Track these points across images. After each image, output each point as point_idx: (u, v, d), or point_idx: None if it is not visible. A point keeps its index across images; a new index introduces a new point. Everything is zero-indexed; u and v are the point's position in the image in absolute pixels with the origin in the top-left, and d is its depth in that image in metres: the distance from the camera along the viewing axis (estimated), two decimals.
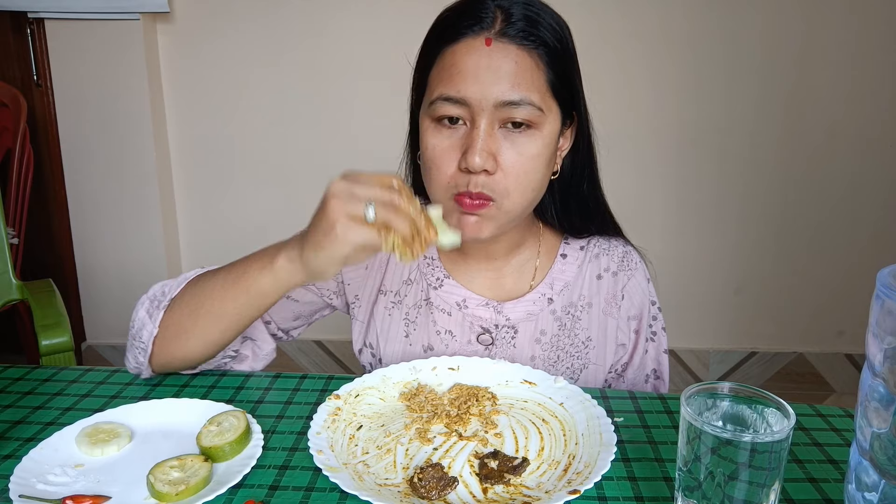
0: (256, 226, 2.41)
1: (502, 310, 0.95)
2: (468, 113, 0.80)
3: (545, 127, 0.82)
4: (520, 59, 0.79)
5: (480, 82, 0.78)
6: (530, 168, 0.82)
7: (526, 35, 0.79)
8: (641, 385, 1.00)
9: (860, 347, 2.37)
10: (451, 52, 0.80)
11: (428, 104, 0.82)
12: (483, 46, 0.78)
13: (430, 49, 0.84)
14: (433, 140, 0.82)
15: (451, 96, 0.79)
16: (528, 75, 0.79)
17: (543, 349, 0.95)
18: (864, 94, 2.19)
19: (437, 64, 0.82)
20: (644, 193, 2.31)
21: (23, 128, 1.80)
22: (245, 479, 0.67)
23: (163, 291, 0.87)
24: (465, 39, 0.79)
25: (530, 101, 0.79)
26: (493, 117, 0.79)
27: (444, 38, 0.81)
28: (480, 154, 0.78)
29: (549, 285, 0.96)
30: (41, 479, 0.66)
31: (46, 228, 2.35)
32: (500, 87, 0.78)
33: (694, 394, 0.59)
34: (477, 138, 0.79)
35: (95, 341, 2.45)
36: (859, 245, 2.32)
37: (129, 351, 0.87)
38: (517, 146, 0.81)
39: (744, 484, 0.54)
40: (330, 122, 2.31)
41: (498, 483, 0.67)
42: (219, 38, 2.25)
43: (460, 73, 0.79)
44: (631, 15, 2.16)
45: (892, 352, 0.49)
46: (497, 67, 0.78)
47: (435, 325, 0.96)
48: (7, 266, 1.59)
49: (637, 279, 0.98)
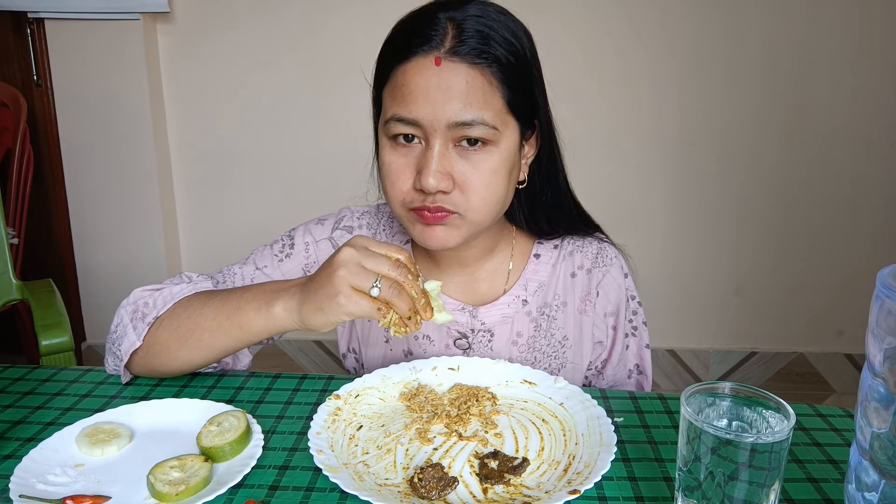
0: (256, 225, 2.41)
1: (477, 314, 0.94)
2: (422, 132, 0.79)
3: (502, 143, 0.80)
4: (471, 78, 0.76)
5: (431, 103, 0.76)
6: (489, 182, 0.81)
7: (478, 53, 0.76)
8: (624, 381, 1.00)
9: (860, 347, 2.37)
10: (402, 72, 0.78)
11: (383, 122, 0.81)
12: (433, 66, 0.76)
13: (383, 66, 0.82)
14: (389, 157, 0.82)
15: (404, 117, 0.78)
16: (481, 94, 0.77)
17: (520, 351, 0.95)
18: (864, 95, 2.19)
19: (389, 82, 0.81)
20: (645, 193, 2.31)
21: (23, 128, 1.80)
22: (245, 480, 0.67)
23: (146, 302, 0.86)
24: (415, 58, 0.77)
25: (483, 120, 0.77)
26: (447, 137, 0.78)
27: (395, 56, 0.80)
28: (434, 175, 0.78)
29: (522, 287, 0.96)
30: (41, 480, 0.66)
31: (46, 228, 2.35)
32: (452, 108, 0.76)
33: (694, 394, 0.59)
34: (431, 159, 0.78)
35: (95, 341, 2.45)
36: (859, 245, 2.33)
37: (107, 353, 0.88)
38: (472, 163, 0.79)
39: (744, 484, 0.54)
40: (330, 122, 2.31)
41: (498, 483, 0.67)
42: (219, 38, 2.25)
43: (411, 93, 0.77)
44: (632, 15, 2.16)
45: (892, 352, 0.49)
46: (447, 87, 0.76)
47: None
48: (7, 266, 1.59)
49: (612, 275, 0.97)
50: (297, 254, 0.96)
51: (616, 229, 1.01)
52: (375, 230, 0.99)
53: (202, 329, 0.81)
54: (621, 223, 1.01)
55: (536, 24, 0.86)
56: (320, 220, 1.00)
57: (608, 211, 1.01)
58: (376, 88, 0.86)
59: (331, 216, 1.00)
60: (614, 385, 1.00)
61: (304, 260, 0.96)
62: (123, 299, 0.89)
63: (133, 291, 0.89)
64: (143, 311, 0.85)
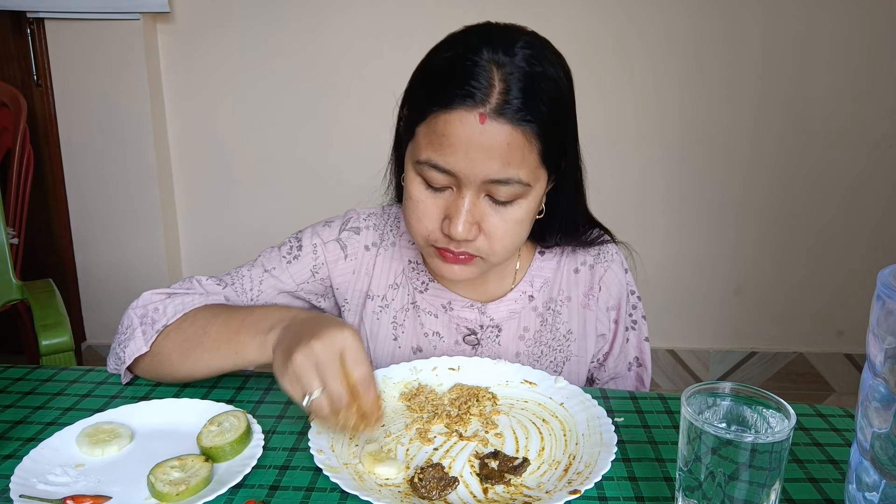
0: (256, 225, 2.41)
1: (486, 310, 0.96)
2: (455, 181, 0.78)
3: (531, 195, 0.80)
4: (512, 139, 0.75)
5: (471, 159, 0.75)
6: (514, 232, 0.82)
7: (522, 115, 0.74)
8: (624, 373, 1.02)
9: (860, 347, 2.37)
10: (443, 120, 0.75)
11: (415, 160, 0.80)
12: (476, 122, 0.74)
13: (420, 102, 0.79)
14: (418, 194, 0.81)
15: (440, 166, 0.77)
16: (520, 154, 0.76)
17: (527, 345, 0.96)
18: (865, 95, 2.19)
19: (427, 122, 0.77)
20: (645, 193, 2.31)
21: (23, 128, 1.80)
22: (245, 479, 0.67)
23: (156, 308, 0.86)
24: (458, 111, 0.74)
25: (518, 178, 0.77)
26: (480, 189, 0.78)
27: (436, 101, 0.76)
28: (464, 225, 0.78)
29: (529, 283, 0.97)
30: (42, 480, 0.66)
31: (46, 228, 2.35)
32: (491, 166, 0.75)
33: (694, 394, 0.59)
34: (461, 208, 0.78)
35: (95, 341, 2.45)
36: (860, 245, 2.32)
37: (111, 354, 0.88)
38: (501, 214, 0.80)
39: (744, 484, 0.54)
40: (330, 122, 2.31)
41: (498, 483, 0.67)
42: (219, 38, 2.25)
43: (451, 145, 0.75)
44: (633, 15, 2.16)
45: (892, 352, 0.49)
46: (489, 146, 0.74)
47: (423, 328, 0.97)
48: (7, 266, 1.59)
49: (613, 270, 0.99)
50: (305, 255, 0.96)
51: (616, 229, 1.02)
52: (382, 231, 0.99)
53: (203, 348, 0.81)
54: (621, 223, 1.01)
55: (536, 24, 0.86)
56: (327, 223, 1.00)
57: (608, 210, 1.01)
58: (408, 115, 0.83)
59: (338, 218, 1.00)
60: (615, 377, 1.02)
61: (313, 262, 0.96)
62: (133, 300, 0.88)
63: (143, 294, 0.88)
64: (154, 316, 0.85)
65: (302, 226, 1.03)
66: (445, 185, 0.79)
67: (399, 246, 0.98)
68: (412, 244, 0.98)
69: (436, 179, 0.78)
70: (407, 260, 0.98)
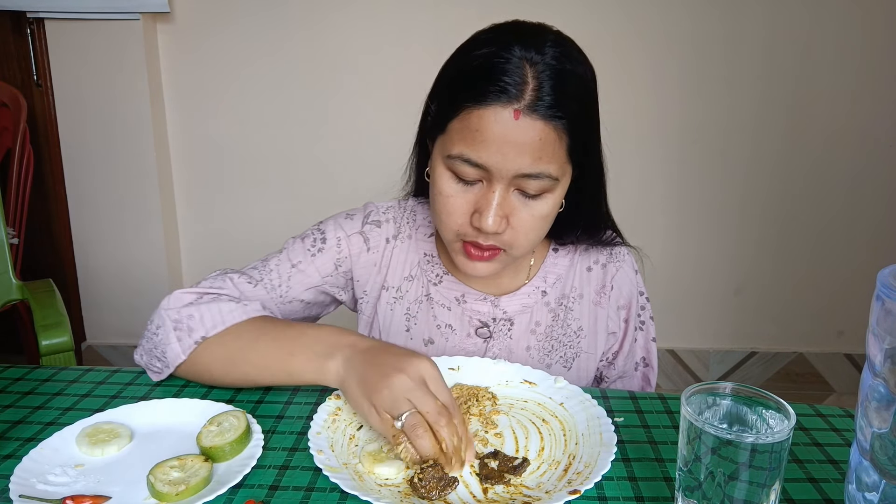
0: (256, 225, 2.41)
1: (499, 304, 0.97)
2: (486, 175, 0.80)
3: (557, 190, 0.83)
4: (545, 135, 0.77)
5: (503, 153, 0.77)
6: (539, 226, 0.84)
7: (554, 111, 0.77)
8: (631, 373, 1.03)
9: (860, 347, 2.37)
10: (477, 115, 0.77)
11: (446, 154, 0.81)
12: (511, 118, 0.76)
13: (453, 97, 0.80)
14: (448, 189, 0.83)
15: (472, 160, 0.79)
16: (550, 149, 0.78)
17: (538, 340, 0.97)
18: (865, 95, 2.19)
19: (459, 117, 0.79)
20: (645, 193, 2.31)
21: (23, 128, 1.80)
22: (245, 479, 0.67)
23: (190, 315, 0.85)
24: (492, 106, 0.76)
25: (548, 173, 0.79)
26: (510, 183, 0.80)
27: (469, 97, 0.78)
28: (494, 218, 0.80)
29: (542, 278, 0.99)
30: (41, 480, 0.66)
31: (46, 228, 2.35)
32: (523, 161, 0.77)
33: (694, 394, 0.59)
34: (492, 202, 0.80)
35: (95, 341, 2.45)
36: (859, 245, 2.32)
37: (145, 353, 0.87)
38: (529, 208, 0.82)
39: (744, 484, 0.54)
40: (331, 122, 2.31)
41: (498, 483, 0.67)
42: (219, 38, 2.25)
43: (485, 141, 0.77)
44: (633, 15, 2.16)
45: (892, 352, 0.49)
46: (522, 142, 0.77)
47: (435, 320, 0.97)
48: (7, 266, 1.59)
49: (625, 270, 1.01)
50: (330, 249, 0.97)
51: None
52: (399, 224, 1.00)
53: (250, 365, 0.82)
54: (622, 223, 1.01)
55: None
56: (349, 215, 1.01)
57: None
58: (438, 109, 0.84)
59: (358, 211, 1.01)
60: (623, 376, 1.03)
61: (337, 255, 0.97)
62: (163, 299, 0.87)
63: (174, 293, 0.88)
64: (189, 324, 0.84)
65: (302, 225, 1.03)
66: (476, 179, 0.81)
67: (415, 238, 1.00)
68: (428, 237, 1.00)
69: (467, 173, 0.80)
70: (422, 252, 0.99)
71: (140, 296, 2.38)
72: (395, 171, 1.01)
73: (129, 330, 2.42)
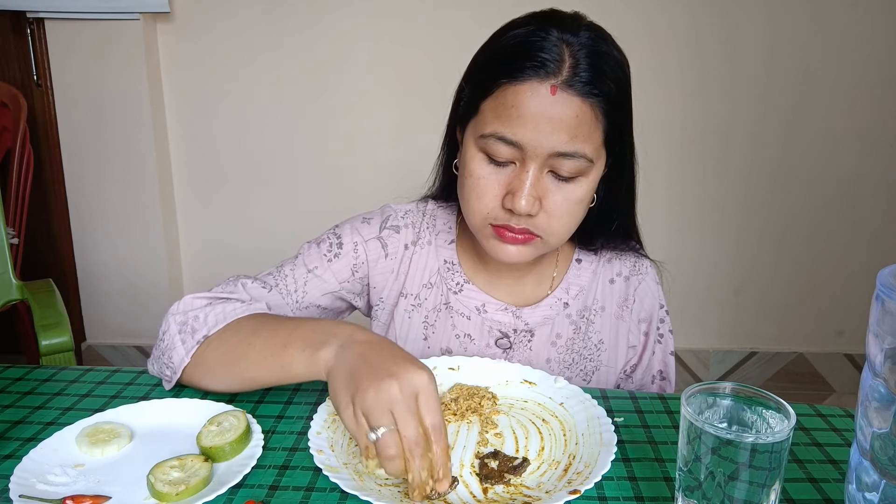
0: (257, 225, 2.41)
1: (521, 315, 0.95)
2: (519, 154, 0.79)
3: (592, 174, 0.81)
4: (581, 112, 0.76)
5: (540, 130, 0.76)
6: (574, 211, 0.82)
7: (590, 88, 0.76)
8: (648, 386, 1.01)
9: (860, 347, 2.37)
10: (513, 92, 0.77)
11: (479, 134, 0.80)
12: (548, 94, 0.75)
13: (488, 76, 0.80)
14: (480, 171, 0.81)
15: (507, 137, 0.77)
16: (587, 128, 0.77)
17: (559, 352, 0.96)
18: (867, 96, 2.19)
19: (494, 95, 0.79)
20: (646, 192, 2.29)
21: (23, 128, 1.80)
22: (245, 479, 0.67)
23: (195, 316, 0.83)
24: (529, 82, 0.76)
25: (584, 153, 0.78)
26: (544, 163, 0.79)
27: (505, 73, 0.77)
28: (527, 199, 0.78)
29: (565, 290, 0.97)
30: (41, 479, 0.66)
31: (46, 228, 2.35)
32: (559, 138, 0.76)
33: (694, 394, 0.59)
34: (525, 182, 0.78)
35: (95, 341, 2.45)
36: (860, 245, 2.32)
37: (155, 360, 0.85)
38: (563, 191, 0.80)
39: (744, 484, 0.54)
40: (331, 122, 2.31)
41: (498, 483, 0.67)
42: (219, 38, 2.25)
43: (520, 116, 0.76)
44: (636, 15, 2.16)
45: (892, 352, 0.49)
46: (559, 118, 0.76)
47: (454, 329, 0.96)
48: (7, 266, 1.59)
49: (647, 283, 1.00)
50: (346, 254, 0.95)
51: None
52: (419, 229, 0.98)
53: (248, 360, 0.78)
54: None
55: None
56: (365, 219, 0.98)
57: None
58: (472, 92, 0.83)
59: (375, 214, 0.99)
60: (640, 388, 1.01)
61: (353, 260, 0.95)
62: (173, 304, 0.85)
63: (184, 298, 0.85)
64: (194, 325, 0.82)
65: (301, 225, 1.03)
66: (509, 160, 0.79)
67: (435, 245, 0.98)
68: (449, 243, 0.98)
69: (501, 153, 0.79)
70: (443, 260, 0.97)
71: (140, 296, 2.38)
72: (396, 171, 1.01)
73: (129, 330, 2.42)
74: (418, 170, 1.01)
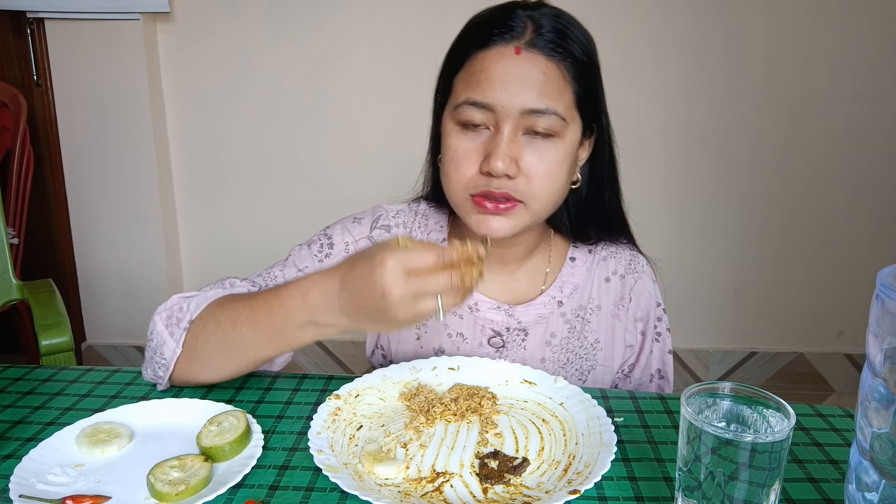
0: (256, 225, 2.41)
1: (514, 313, 0.95)
2: (493, 118, 0.80)
3: (567, 136, 0.83)
4: (548, 70, 0.79)
5: (508, 89, 0.79)
6: (553, 173, 0.83)
7: (555, 47, 0.80)
8: (646, 385, 1.01)
9: (860, 347, 2.37)
10: (480, 58, 0.81)
11: (453, 107, 0.83)
12: (513, 54, 0.79)
13: (459, 53, 0.84)
14: (456, 142, 0.83)
15: (478, 101, 0.80)
16: (555, 86, 0.80)
17: (553, 351, 0.96)
18: (866, 96, 2.19)
19: (464, 68, 0.83)
20: (645, 193, 2.30)
21: (23, 128, 1.80)
22: (245, 479, 0.67)
23: (180, 307, 0.83)
24: (495, 46, 0.80)
25: (555, 111, 0.80)
26: (518, 124, 0.80)
27: (473, 44, 0.82)
28: (503, 159, 0.79)
29: (559, 288, 0.97)
30: (41, 479, 0.66)
31: (46, 228, 2.35)
32: (528, 96, 0.79)
33: (694, 394, 0.59)
34: (500, 143, 0.79)
35: (95, 341, 2.45)
36: (859, 245, 2.32)
37: (147, 363, 0.84)
38: (539, 152, 0.81)
39: (744, 484, 0.54)
40: (331, 122, 2.31)
41: (498, 483, 0.67)
42: (219, 38, 2.25)
43: (489, 78, 0.79)
44: (634, 15, 2.16)
45: (892, 352, 0.49)
46: (525, 76, 0.79)
47: (447, 328, 0.96)
48: (7, 266, 1.59)
49: (644, 281, 0.99)
50: (338, 254, 0.95)
51: None
52: (410, 228, 0.99)
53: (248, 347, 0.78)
54: None
55: None
56: (356, 219, 0.99)
57: None
58: (446, 76, 0.87)
59: (366, 214, 0.99)
60: (638, 388, 1.01)
61: None
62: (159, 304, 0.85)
63: (170, 298, 0.86)
64: (178, 315, 0.83)
65: (301, 225, 1.03)
66: (483, 123, 0.81)
67: None
68: (441, 242, 0.98)
69: (474, 117, 0.81)
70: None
71: (140, 296, 2.38)
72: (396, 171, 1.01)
73: (129, 330, 2.42)
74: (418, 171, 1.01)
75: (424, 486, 0.67)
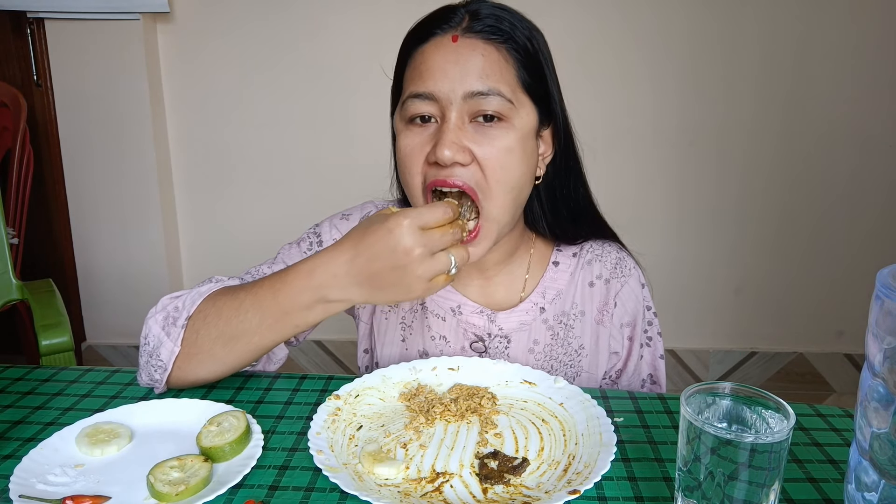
0: (256, 225, 2.41)
1: (495, 319, 0.94)
2: (438, 109, 0.80)
3: (517, 120, 0.81)
4: (487, 53, 0.80)
5: (448, 77, 0.79)
6: (506, 162, 0.81)
7: (492, 30, 0.81)
8: (637, 390, 0.99)
9: (860, 347, 2.37)
10: (420, 52, 0.82)
11: (400, 106, 0.83)
12: (450, 43, 0.80)
13: (403, 54, 0.86)
14: (404, 141, 0.83)
15: (420, 92, 0.80)
16: (496, 68, 0.80)
17: (537, 359, 0.95)
18: (862, 94, 2.19)
19: (408, 66, 0.84)
20: (644, 193, 2.31)
21: (23, 128, 1.80)
22: (245, 480, 0.67)
23: (175, 307, 0.82)
24: (433, 39, 0.81)
25: (499, 91, 0.79)
26: (463, 111, 0.80)
27: (414, 41, 0.84)
28: (450, 147, 0.78)
29: (541, 294, 0.96)
30: (41, 480, 0.66)
31: (46, 228, 2.35)
32: (468, 80, 0.79)
33: (694, 394, 0.59)
34: (446, 131, 0.79)
35: (95, 341, 2.45)
36: (859, 245, 2.33)
37: (142, 368, 0.83)
38: (489, 138, 0.80)
39: (744, 484, 0.54)
40: (330, 123, 2.31)
41: (498, 483, 0.67)
42: (219, 38, 2.26)
43: (429, 69, 0.80)
44: (630, 15, 2.16)
45: (891, 352, 0.49)
46: (464, 61, 0.79)
47: (430, 330, 0.96)
48: (7, 266, 1.59)
49: (630, 285, 0.97)
50: None
51: (614, 229, 1.01)
52: None
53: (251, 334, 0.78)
54: (620, 223, 1.01)
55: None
56: (345, 215, 0.99)
57: (607, 211, 1.01)
58: (395, 80, 0.88)
59: (355, 209, 1.00)
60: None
61: None
62: (150, 308, 0.84)
63: (160, 300, 0.85)
64: (174, 315, 0.82)
65: (301, 226, 1.03)
66: (430, 114, 0.81)
67: None
68: None
69: (420, 109, 0.81)
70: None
71: (140, 296, 2.38)
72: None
73: (129, 330, 2.42)
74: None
75: (424, 487, 0.67)
